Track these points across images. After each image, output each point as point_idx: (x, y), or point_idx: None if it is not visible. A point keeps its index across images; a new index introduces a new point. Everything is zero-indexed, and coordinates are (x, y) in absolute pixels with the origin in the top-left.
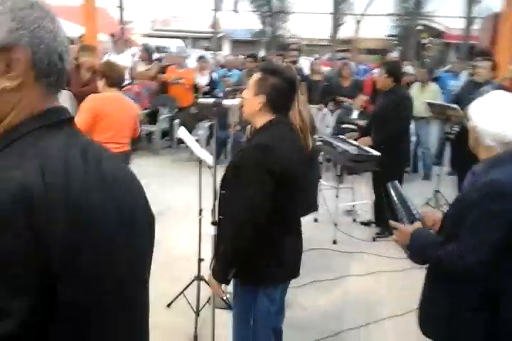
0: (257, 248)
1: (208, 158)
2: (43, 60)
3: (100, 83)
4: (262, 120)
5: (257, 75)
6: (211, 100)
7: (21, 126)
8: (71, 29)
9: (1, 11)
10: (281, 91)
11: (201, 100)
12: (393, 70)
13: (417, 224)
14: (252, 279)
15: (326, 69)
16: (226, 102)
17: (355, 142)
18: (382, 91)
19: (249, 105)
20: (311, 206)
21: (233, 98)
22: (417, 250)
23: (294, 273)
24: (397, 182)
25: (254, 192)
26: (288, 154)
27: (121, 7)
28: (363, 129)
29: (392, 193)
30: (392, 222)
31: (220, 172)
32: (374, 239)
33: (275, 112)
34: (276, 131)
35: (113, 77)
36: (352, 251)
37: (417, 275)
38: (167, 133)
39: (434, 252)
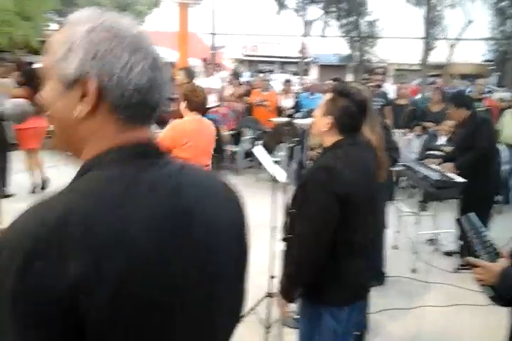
0: (321, 269)
1: (280, 176)
2: (115, 92)
3: (182, 105)
4: (329, 140)
5: (327, 96)
6: (284, 119)
7: (94, 160)
8: (168, 54)
9: (78, 45)
10: (349, 113)
11: (274, 119)
12: (459, 100)
13: (504, 261)
14: (315, 299)
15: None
16: (298, 122)
17: (438, 168)
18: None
19: (318, 125)
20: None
21: None
22: (510, 290)
23: (360, 295)
24: (473, 214)
25: (317, 214)
26: (354, 176)
27: (213, 33)
28: (446, 156)
29: (467, 228)
30: (471, 259)
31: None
32: (457, 271)
33: (343, 133)
34: (342, 152)
35: (194, 102)
36: (432, 281)
37: (502, 312)
38: (250, 154)
39: None
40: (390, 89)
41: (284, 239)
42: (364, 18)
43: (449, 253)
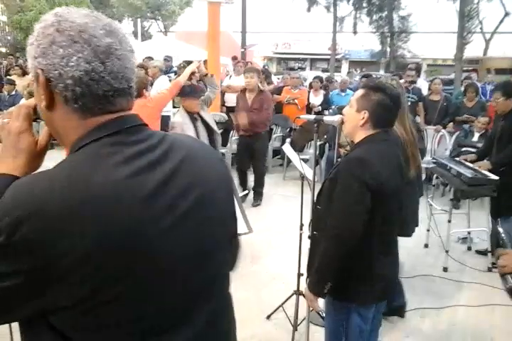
0: (350, 264)
1: (309, 174)
2: (59, 85)
3: None
4: (362, 135)
5: (360, 92)
6: (312, 116)
7: (73, 145)
8: (197, 53)
9: (32, 43)
10: (385, 107)
11: (303, 116)
12: (510, 90)
13: None
14: (343, 297)
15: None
16: (327, 119)
17: (471, 165)
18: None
19: (352, 121)
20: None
21: None
22: None
23: (386, 295)
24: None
25: (349, 204)
26: (385, 169)
27: (243, 31)
28: (480, 152)
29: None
30: (500, 250)
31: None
32: (490, 270)
33: (377, 128)
34: (374, 146)
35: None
36: (464, 280)
37: None
38: (279, 152)
39: None
40: (423, 84)
41: (310, 236)
42: (396, 12)
43: (481, 252)
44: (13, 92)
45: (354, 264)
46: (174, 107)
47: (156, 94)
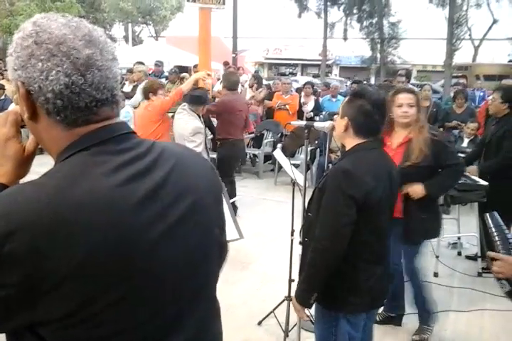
0: (339, 274)
1: (300, 179)
2: (40, 98)
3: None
4: (350, 143)
5: (346, 98)
6: (303, 122)
7: (59, 155)
8: (188, 58)
9: (11, 54)
10: (365, 113)
11: (293, 122)
12: (509, 96)
13: None
14: (332, 305)
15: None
16: (318, 125)
17: None
18: (495, 117)
19: (337, 127)
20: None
21: None
22: None
23: (378, 303)
24: (496, 213)
25: (333, 217)
26: (372, 179)
27: (235, 37)
28: (467, 157)
29: (491, 224)
30: (491, 253)
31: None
32: (480, 275)
33: (360, 134)
34: (362, 155)
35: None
36: (454, 285)
37: None
38: (270, 157)
39: None
40: None
41: (302, 243)
42: (387, 19)
43: (471, 257)
44: (3, 97)
45: (341, 274)
46: None
47: (158, 99)
